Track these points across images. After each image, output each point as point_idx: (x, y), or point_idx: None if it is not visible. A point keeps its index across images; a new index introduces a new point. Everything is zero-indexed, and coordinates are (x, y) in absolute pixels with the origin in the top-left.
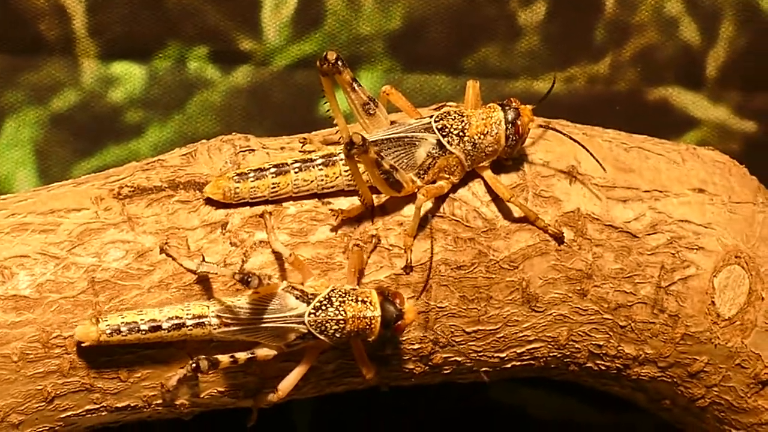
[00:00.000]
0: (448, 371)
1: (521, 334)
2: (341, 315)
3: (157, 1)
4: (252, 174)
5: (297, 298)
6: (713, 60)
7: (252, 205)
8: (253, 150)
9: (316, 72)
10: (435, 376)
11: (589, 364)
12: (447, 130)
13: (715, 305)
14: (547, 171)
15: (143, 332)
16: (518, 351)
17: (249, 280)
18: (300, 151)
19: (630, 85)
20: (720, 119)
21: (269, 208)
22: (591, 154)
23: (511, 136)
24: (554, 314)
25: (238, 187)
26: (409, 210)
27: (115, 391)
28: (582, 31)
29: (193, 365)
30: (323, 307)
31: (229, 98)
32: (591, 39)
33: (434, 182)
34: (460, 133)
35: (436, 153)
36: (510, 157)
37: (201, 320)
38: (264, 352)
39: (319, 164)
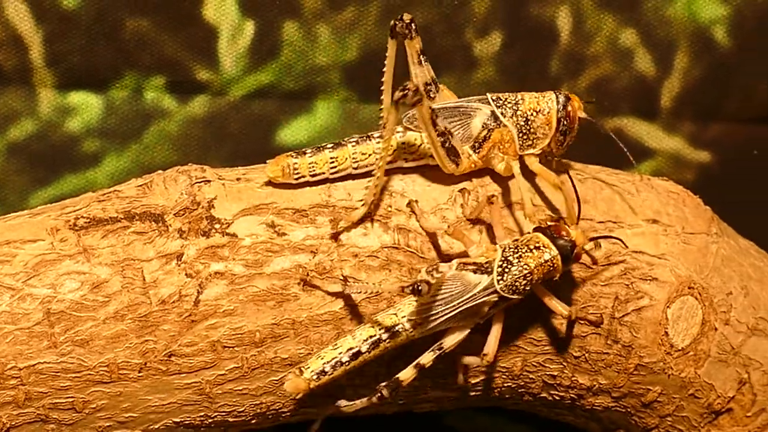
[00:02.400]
0: (403, 401)
1: (476, 366)
2: (526, 269)
3: (114, 32)
4: (309, 150)
5: (475, 272)
6: (668, 91)
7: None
8: (209, 181)
9: (274, 101)
10: (392, 405)
11: (543, 394)
12: (501, 101)
13: (668, 336)
14: (501, 202)
15: (346, 363)
16: (473, 381)
17: (420, 289)
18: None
19: (585, 116)
20: (674, 149)
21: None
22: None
23: (562, 119)
24: (508, 345)
25: (296, 163)
26: (365, 241)
27: (70, 422)
28: (538, 62)
29: (378, 395)
30: (506, 269)
31: (186, 128)
32: (546, 69)
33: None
34: (514, 107)
35: (490, 124)
36: (557, 153)
37: (395, 329)
38: (451, 341)
39: (377, 137)
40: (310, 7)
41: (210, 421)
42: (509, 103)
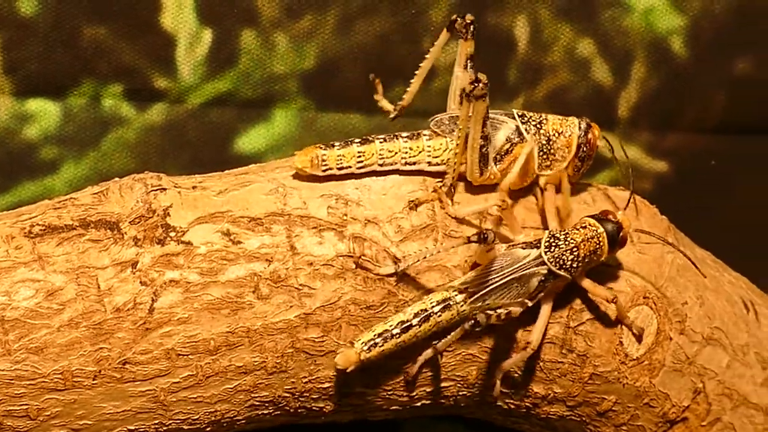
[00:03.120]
0: (359, 410)
1: (431, 374)
2: (572, 243)
3: (72, 39)
4: (338, 143)
5: (524, 248)
6: (625, 101)
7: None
8: (165, 189)
9: (232, 109)
10: (346, 414)
11: (498, 403)
12: (526, 118)
13: (623, 345)
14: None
15: (397, 335)
16: (428, 390)
17: (486, 236)
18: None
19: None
20: (632, 159)
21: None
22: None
23: (582, 145)
24: (463, 354)
25: (325, 154)
26: (320, 249)
27: (24, 429)
28: (495, 72)
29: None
30: (554, 243)
31: (144, 135)
32: (504, 79)
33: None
34: (538, 125)
35: (514, 139)
36: (572, 179)
37: (446, 303)
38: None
39: (405, 137)
40: (268, 15)
41: (165, 428)
42: (533, 120)
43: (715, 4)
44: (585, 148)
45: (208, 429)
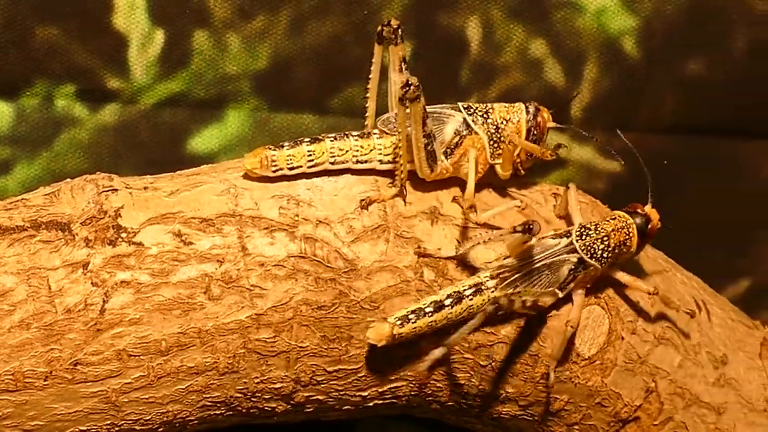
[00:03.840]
0: (311, 410)
1: (383, 374)
2: (603, 232)
3: (23, 40)
4: (288, 143)
5: (553, 238)
6: (578, 101)
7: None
8: (116, 190)
9: (185, 110)
10: (297, 414)
11: (450, 403)
12: (472, 109)
13: (574, 345)
14: (408, 212)
15: (429, 314)
16: (380, 390)
17: (531, 227)
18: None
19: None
20: (585, 159)
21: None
22: None
23: (532, 129)
24: (417, 353)
25: (274, 155)
26: (271, 250)
27: None
28: (448, 72)
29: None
30: (585, 233)
31: (96, 136)
32: (457, 80)
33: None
34: (484, 115)
35: (462, 131)
36: (526, 164)
37: (478, 287)
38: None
39: (355, 135)
40: (220, 16)
41: (117, 429)
42: (479, 111)
43: (666, 5)
44: (535, 132)
45: (160, 429)
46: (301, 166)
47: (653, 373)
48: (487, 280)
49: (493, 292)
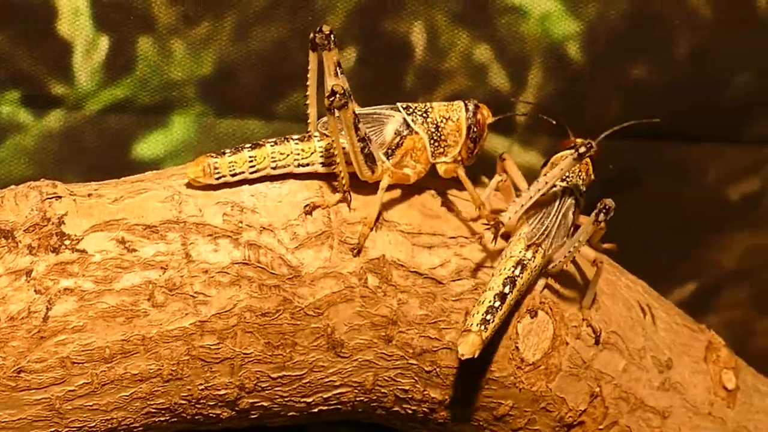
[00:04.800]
0: (256, 416)
1: (327, 380)
2: (575, 169)
3: None
4: (229, 150)
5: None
6: (523, 106)
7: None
8: (60, 197)
9: (130, 116)
10: (242, 420)
11: (396, 408)
12: (411, 109)
13: (519, 351)
14: (352, 218)
15: (499, 307)
16: (325, 396)
17: (591, 144)
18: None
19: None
20: (531, 164)
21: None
22: None
23: (472, 126)
24: (360, 360)
25: (217, 162)
26: (215, 257)
27: None
28: (392, 77)
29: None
30: (567, 178)
31: (42, 142)
32: (401, 85)
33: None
34: (424, 114)
35: (403, 131)
36: (467, 162)
37: (522, 263)
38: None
39: (296, 139)
40: (165, 22)
41: None
42: (419, 110)
43: (610, 10)
44: (475, 129)
45: None
46: (243, 172)
47: (598, 377)
48: (524, 253)
49: (533, 262)
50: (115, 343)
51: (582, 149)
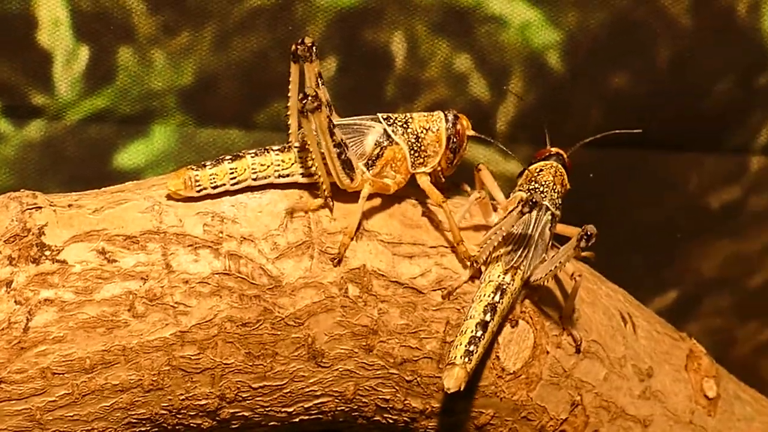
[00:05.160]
0: (237, 426)
1: (308, 390)
2: (550, 183)
3: None
4: (210, 162)
5: (522, 213)
6: (503, 115)
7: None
8: (41, 207)
9: (111, 126)
10: (223, 430)
11: (377, 418)
12: (392, 120)
13: (499, 360)
14: (333, 227)
15: (482, 336)
16: (305, 406)
17: (535, 200)
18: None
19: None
20: (511, 173)
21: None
22: None
23: (452, 137)
24: (340, 369)
25: (198, 175)
26: (196, 267)
27: None
28: (373, 87)
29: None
30: (539, 191)
31: (22, 152)
32: (382, 94)
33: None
34: (404, 125)
35: (383, 142)
36: (447, 172)
37: (501, 289)
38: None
39: (276, 150)
40: (145, 32)
41: None
42: (399, 121)
43: (590, 19)
44: (455, 140)
45: None
46: (224, 184)
47: (579, 386)
48: (503, 278)
49: (512, 285)
50: (96, 353)
51: (525, 209)
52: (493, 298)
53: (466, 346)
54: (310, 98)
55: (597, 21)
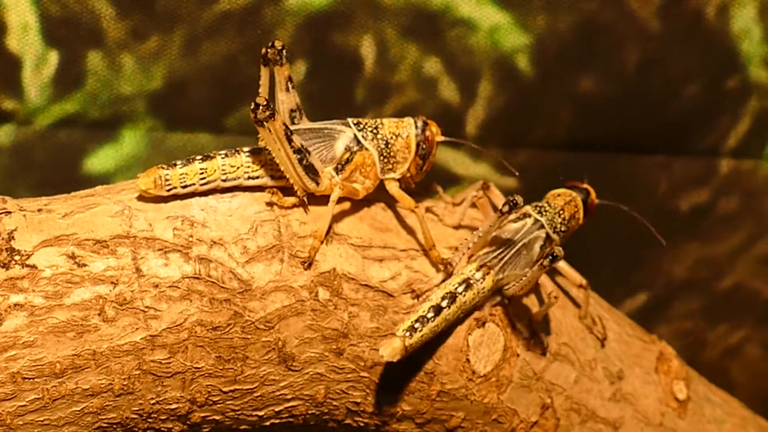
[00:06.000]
0: (207, 429)
1: (278, 393)
2: (558, 207)
3: None
4: (180, 162)
5: (515, 221)
6: (473, 118)
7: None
8: (10, 212)
9: (80, 130)
10: None
11: (347, 421)
12: (362, 125)
13: (470, 363)
14: (302, 231)
15: (431, 319)
16: (276, 409)
17: (515, 201)
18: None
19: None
20: (481, 175)
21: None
22: None
23: (421, 143)
24: (311, 373)
25: (168, 174)
26: (166, 271)
27: None
28: (343, 90)
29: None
30: (542, 210)
31: None
32: (352, 98)
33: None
34: (374, 130)
35: (353, 147)
36: (417, 178)
37: (467, 282)
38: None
39: (246, 152)
40: (114, 37)
41: None
42: (369, 127)
43: (558, 23)
44: (424, 146)
45: None
46: (194, 184)
47: (549, 389)
48: (474, 273)
49: (481, 283)
50: (66, 358)
51: (505, 208)
52: (456, 288)
53: (412, 322)
54: (261, 107)
55: (566, 24)
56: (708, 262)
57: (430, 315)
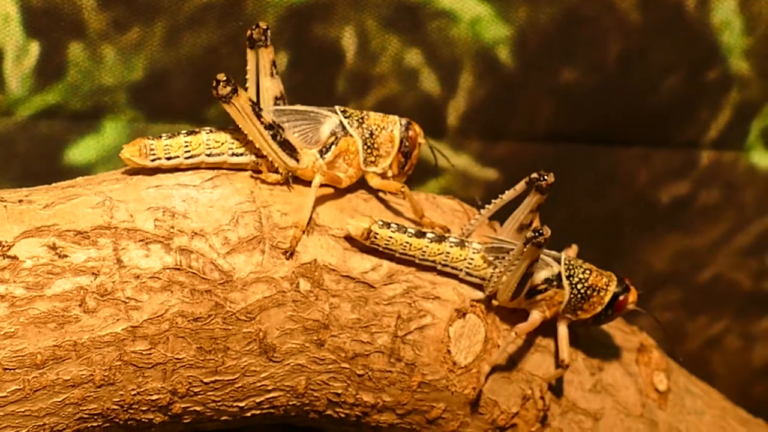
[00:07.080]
0: (189, 420)
1: (259, 384)
2: (588, 269)
3: None
4: (165, 135)
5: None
6: (454, 110)
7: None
8: None
9: (61, 121)
10: (176, 425)
11: (328, 412)
12: (348, 113)
13: (451, 354)
14: (284, 222)
15: (410, 234)
16: (257, 400)
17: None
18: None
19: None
20: (462, 167)
21: None
22: None
23: (404, 140)
24: (292, 364)
25: (152, 144)
26: (147, 262)
27: None
28: (324, 82)
29: None
30: (571, 263)
31: None
32: (333, 89)
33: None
34: (360, 120)
35: (338, 132)
36: (398, 178)
37: (462, 242)
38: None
39: (231, 128)
40: (95, 28)
41: None
42: (355, 115)
43: (540, 15)
44: (407, 143)
45: None
46: (178, 156)
47: (529, 380)
48: (473, 242)
49: (474, 252)
50: (47, 349)
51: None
52: (449, 237)
53: (393, 222)
54: (221, 83)
55: (547, 16)
56: (688, 254)
57: (411, 231)
